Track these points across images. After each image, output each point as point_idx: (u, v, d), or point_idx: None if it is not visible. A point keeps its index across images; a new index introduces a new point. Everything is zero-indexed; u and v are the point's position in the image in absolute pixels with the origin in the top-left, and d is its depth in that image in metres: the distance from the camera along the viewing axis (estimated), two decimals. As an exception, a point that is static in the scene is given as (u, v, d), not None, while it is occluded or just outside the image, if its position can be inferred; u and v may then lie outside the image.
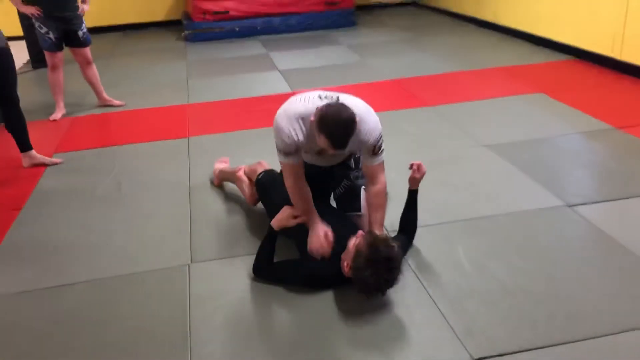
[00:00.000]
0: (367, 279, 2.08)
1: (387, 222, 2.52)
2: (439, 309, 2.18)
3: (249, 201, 2.98)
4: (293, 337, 2.11)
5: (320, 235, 2.29)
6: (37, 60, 6.20)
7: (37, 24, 4.37)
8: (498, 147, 3.61)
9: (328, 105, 2.18)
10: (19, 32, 6.26)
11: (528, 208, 2.88)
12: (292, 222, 2.37)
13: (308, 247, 2.31)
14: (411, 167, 2.49)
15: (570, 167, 3.33)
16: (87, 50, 4.60)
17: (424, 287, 2.32)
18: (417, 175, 2.49)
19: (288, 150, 2.32)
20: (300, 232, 2.39)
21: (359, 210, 2.57)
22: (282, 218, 2.38)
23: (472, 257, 2.50)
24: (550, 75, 5.11)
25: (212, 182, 3.35)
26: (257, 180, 2.86)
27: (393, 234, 2.56)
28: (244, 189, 3.01)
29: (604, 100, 4.39)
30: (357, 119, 2.17)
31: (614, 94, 4.52)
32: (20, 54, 4.91)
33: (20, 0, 4.27)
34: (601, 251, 2.52)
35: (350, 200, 2.62)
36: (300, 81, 5.35)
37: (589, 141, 3.67)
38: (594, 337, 1.99)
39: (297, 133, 2.26)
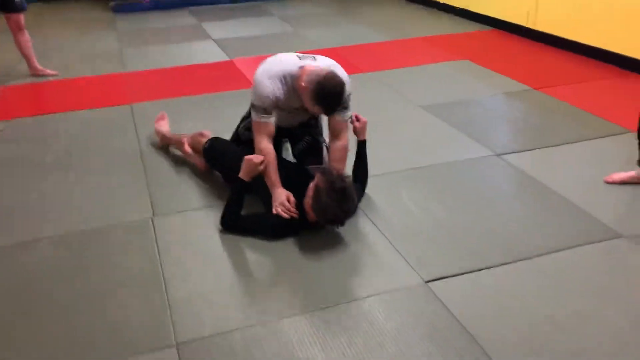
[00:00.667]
0: (327, 210, 2.30)
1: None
2: (392, 244, 2.43)
3: (200, 169, 3.08)
4: (261, 273, 2.29)
5: (284, 199, 2.47)
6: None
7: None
8: (432, 107, 3.90)
9: (325, 77, 2.36)
10: None
11: (462, 158, 3.18)
12: (261, 167, 2.51)
13: (274, 210, 2.47)
14: (351, 120, 2.71)
15: (497, 123, 3.67)
16: (21, 17, 4.48)
17: (377, 227, 2.56)
18: (358, 125, 2.72)
19: (267, 106, 2.49)
20: (265, 188, 2.56)
21: (322, 162, 2.76)
22: (250, 166, 2.50)
23: (415, 200, 2.76)
24: (473, 44, 5.48)
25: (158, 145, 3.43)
26: (205, 149, 2.96)
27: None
28: (195, 161, 3.11)
29: (521, 65, 4.79)
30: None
31: (530, 60, 4.93)
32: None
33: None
34: (525, 190, 2.86)
35: (313, 155, 2.81)
36: (237, 49, 5.44)
37: (511, 100, 4.03)
38: (523, 259, 2.30)
39: (279, 89, 2.46)
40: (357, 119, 2.75)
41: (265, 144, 2.54)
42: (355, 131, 2.76)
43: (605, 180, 2.87)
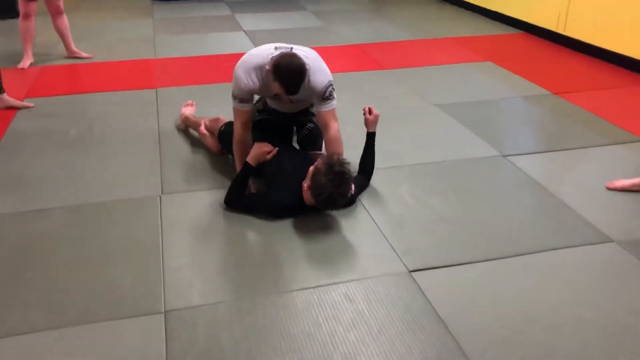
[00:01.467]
0: (323, 190, 2.39)
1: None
2: (383, 233, 2.50)
3: (214, 151, 3.24)
4: (254, 252, 2.40)
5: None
6: (0, 10, 6.20)
7: (11, -29, 4.44)
8: (446, 106, 3.94)
9: (281, 55, 2.48)
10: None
11: (468, 157, 3.22)
12: (269, 157, 2.65)
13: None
14: (364, 111, 2.80)
15: (509, 125, 3.69)
16: (61, 1, 4.69)
17: (371, 216, 2.64)
18: (370, 117, 2.79)
19: (243, 96, 2.64)
20: (270, 172, 2.69)
21: (320, 149, 2.86)
22: (259, 154, 2.65)
23: (415, 194, 2.83)
24: (498, 46, 5.47)
25: (178, 128, 3.58)
26: (220, 133, 3.10)
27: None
28: (208, 142, 3.26)
29: (545, 69, 4.77)
30: (308, 67, 2.47)
31: (555, 65, 4.91)
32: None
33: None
34: (524, 191, 2.89)
35: (314, 140, 2.91)
36: (265, 41, 5.45)
37: (527, 104, 4.04)
38: (511, 256, 2.35)
39: (253, 81, 2.58)
40: (370, 112, 2.82)
41: (238, 127, 2.73)
42: (366, 123, 2.85)
43: (606, 187, 2.87)
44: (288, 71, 2.43)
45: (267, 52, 2.61)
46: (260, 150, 2.66)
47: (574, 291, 2.15)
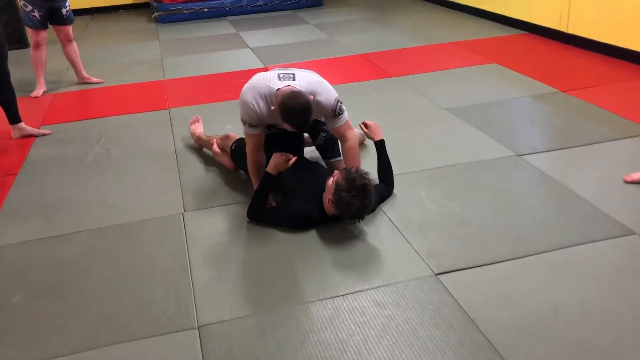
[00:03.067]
0: (349, 206, 2.43)
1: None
2: (405, 238, 2.53)
3: (228, 168, 3.28)
4: (280, 263, 2.43)
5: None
6: (10, 42, 6.30)
7: (22, 3, 4.53)
8: (456, 110, 3.98)
9: (286, 96, 2.53)
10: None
11: (483, 158, 3.25)
12: (287, 165, 2.67)
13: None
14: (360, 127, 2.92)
15: (521, 125, 3.72)
16: (70, 28, 4.79)
17: (392, 222, 2.66)
18: (367, 130, 2.90)
19: (252, 122, 2.71)
20: (290, 183, 2.73)
21: (339, 155, 2.90)
22: (278, 162, 2.67)
23: (433, 197, 2.86)
24: (503, 48, 5.51)
25: (193, 146, 3.63)
26: (232, 150, 3.16)
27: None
28: (222, 160, 3.32)
29: (551, 68, 4.80)
30: (312, 96, 2.57)
31: (561, 63, 4.94)
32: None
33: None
34: (542, 189, 2.91)
35: (331, 148, 2.98)
36: (272, 57, 5.63)
37: (537, 102, 4.07)
38: (534, 254, 2.37)
39: (260, 108, 2.65)
40: (366, 125, 2.91)
41: (251, 151, 2.80)
42: (369, 136, 2.92)
43: (624, 180, 2.89)
44: (295, 112, 2.51)
45: (271, 80, 2.68)
46: (280, 159, 2.69)
47: (601, 285, 2.17)
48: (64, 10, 4.66)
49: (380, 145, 2.88)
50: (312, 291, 2.23)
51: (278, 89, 2.62)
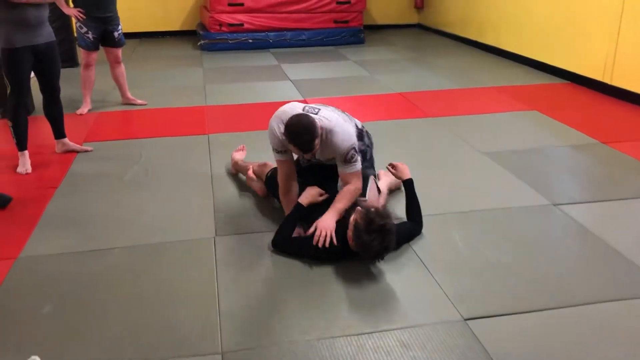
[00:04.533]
0: (368, 247, 2.42)
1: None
2: (435, 280, 2.50)
3: (260, 195, 3.33)
4: (306, 296, 2.41)
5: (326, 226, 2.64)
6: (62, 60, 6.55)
7: (77, 25, 4.74)
8: (493, 154, 3.95)
9: (291, 117, 2.59)
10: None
11: (518, 205, 3.21)
12: (320, 199, 2.72)
13: (317, 232, 2.62)
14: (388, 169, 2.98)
15: (558, 173, 3.67)
16: (120, 51, 4.97)
17: (423, 262, 2.64)
18: (395, 171, 2.94)
19: (277, 147, 2.77)
20: (313, 216, 2.73)
21: (364, 195, 2.90)
22: (312, 195, 2.74)
23: (466, 240, 2.82)
24: (544, 96, 5.49)
25: (229, 172, 3.68)
26: (267, 177, 3.20)
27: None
28: (255, 186, 3.36)
29: (592, 119, 4.75)
30: (326, 129, 2.61)
31: (603, 114, 4.88)
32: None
33: (64, 2, 4.62)
34: (580, 241, 2.85)
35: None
36: (311, 90, 5.71)
37: (576, 152, 4.02)
38: (567, 306, 2.31)
39: (280, 133, 2.70)
40: (393, 166, 2.95)
41: (282, 178, 2.84)
42: (396, 176, 2.95)
43: (664, 237, 2.82)
44: (297, 132, 2.55)
45: (295, 110, 2.74)
46: (313, 192, 2.77)
47: (636, 345, 2.09)
48: (116, 34, 4.85)
49: (408, 185, 2.88)
50: (338, 326, 2.21)
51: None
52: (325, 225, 2.62)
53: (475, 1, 7.83)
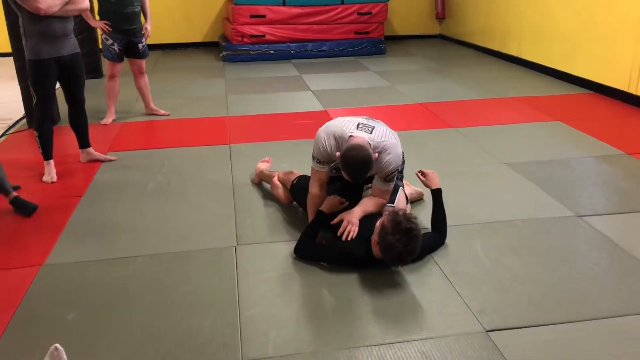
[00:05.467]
0: (392, 248, 2.42)
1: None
2: (457, 291, 2.48)
3: (283, 201, 3.36)
4: (327, 305, 2.42)
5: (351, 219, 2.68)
6: (87, 71, 6.67)
7: (103, 36, 4.84)
8: (516, 165, 3.92)
9: (350, 147, 2.61)
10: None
11: (541, 216, 3.17)
12: (341, 207, 2.77)
13: (344, 224, 2.68)
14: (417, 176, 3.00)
15: (582, 184, 3.62)
16: (143, 62, 5.06)
17: (445, 274, 2.62)
18: (424, 179, 2.95)
19: (320, 158, 2.79)
20: (337, 224, 2.75)
21: (393, 202, 2.91)
22: (333, 204, 2.79)
23: (488, 252, 2.80)
24: (567, 106, 5.43)
25: (252, 181, 3.71)
26: (293, 185, 3.22)
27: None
28: (279, 193, 3.38)
29: (617, 129, 4.68)
30: (378, 153, 2.64)
31: (628, 125, 4.81)
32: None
33: (91, 15, 4.71)
34: (605, 253, 2.80)
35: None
36: (332, 101, 5.73)
37: (600, 163, 3.96)
38: (591, 319, 2.27)
39: (330, 146, 2.73)
40: (423, 174, 2.96)
41: (315, 187, 2.86)
42: (426, 184, 2.95)
43: (692, 250, 2.76)
44: (353, 164, 2.58)
45: (349, 125, 2.75)
46: (335, 200, 2.80)
47: (663, 359, 2.05)
48: (140, 45, 4.94)
49: (436, 194, 2.87)
50: (358, 336, 2.20)
51: (350, 136, 2.68)
52: (351, 217, 2.68)
53: (497, 11, 7.80)
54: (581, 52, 6.04)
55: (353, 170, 2.60)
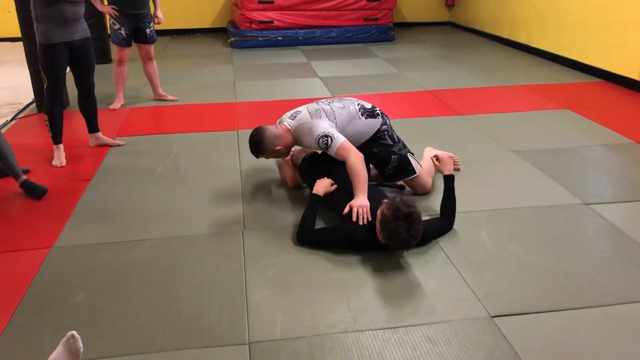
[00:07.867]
0: (395, 235, 2.44)
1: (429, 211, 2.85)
2: (462, 277, 2.49)
3: (290, 184, 3.39)
4: (333, 289, 2.43)
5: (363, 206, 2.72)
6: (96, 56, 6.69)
7: (111, 21, 4.84)
8: (524, 152, 3.91)
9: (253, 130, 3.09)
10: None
11: (548, 204, 3.17)
12: (332, 189, 2.85)
13: (354, 210, 2.69)
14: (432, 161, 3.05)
15: (590, 173, 3.61)
16: (151, 47, 5.06)
17: (450, 259, 2.63)
18: (438, 164, 2.97)
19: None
20: (340, 200, 2.79)
21: (414, 173, 3.16)
22: (324, 185, 2.86)
23: (494, 239, 2.81)
24: (577, 94, 5.39)
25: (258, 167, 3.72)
26: (303, 159, 3.28)
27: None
28: (287, 172, 3.42)
29: (626, 118, 4.65)
30: (295, 131, 3.05)
31: (638, 113, 4.78)
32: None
33: (99, 0, 4.71)
34: (611, 241, 2.81)
35: (400, 172, 3.18)
36: (340, 87, 5.72)
37: (609, 152, 3.94)
38: (596, 306, 2.28)
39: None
40: (437, 159, 2.99)
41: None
42: (439, 169, 2.95)
43: (699, 238, 2.75)
44: (249, 142, 3.11)
45: (287, 114, 3.23)
46: (324, 183, 2.89)
47: (668, 345, 2.06)
48: (148, 30, 4.94)
49: (448, 180, 2.88)
50: (364, 320, 2.22)
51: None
52: (359, 202, 2.70)
53: (508, -2, 7.74)
54: (591, 40, 5.99)
55: (249, 146, 3.10)
